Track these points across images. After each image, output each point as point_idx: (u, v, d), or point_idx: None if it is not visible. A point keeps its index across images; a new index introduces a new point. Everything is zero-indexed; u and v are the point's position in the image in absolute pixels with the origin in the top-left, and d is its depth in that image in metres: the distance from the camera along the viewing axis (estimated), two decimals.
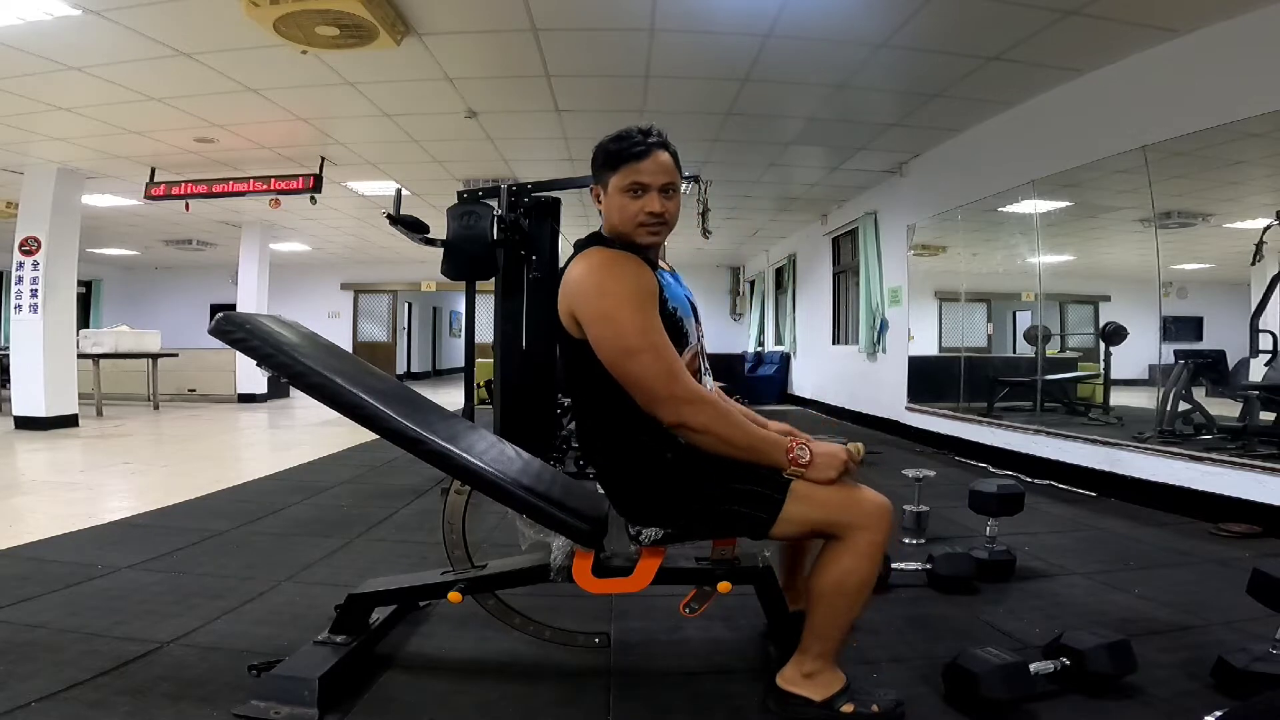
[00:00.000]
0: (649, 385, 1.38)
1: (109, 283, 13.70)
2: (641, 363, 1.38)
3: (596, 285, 1.42)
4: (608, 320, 1.40)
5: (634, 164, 1.46)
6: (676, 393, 1.38)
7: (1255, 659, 1.57)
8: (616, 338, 1.39)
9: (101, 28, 3.63)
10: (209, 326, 1.55)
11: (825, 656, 1.46)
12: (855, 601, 1.42)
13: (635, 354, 1.38)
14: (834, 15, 3.58)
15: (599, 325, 1.41)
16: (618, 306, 1.39)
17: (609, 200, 1.50)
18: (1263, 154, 3.38)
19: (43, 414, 6.39)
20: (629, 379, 1.40)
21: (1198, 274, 4.61)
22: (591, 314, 1.42)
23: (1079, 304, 5.64)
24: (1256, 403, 3.77)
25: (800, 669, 1.47)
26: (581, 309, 1.43)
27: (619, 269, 1.43)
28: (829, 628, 1.44)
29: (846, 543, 1.41)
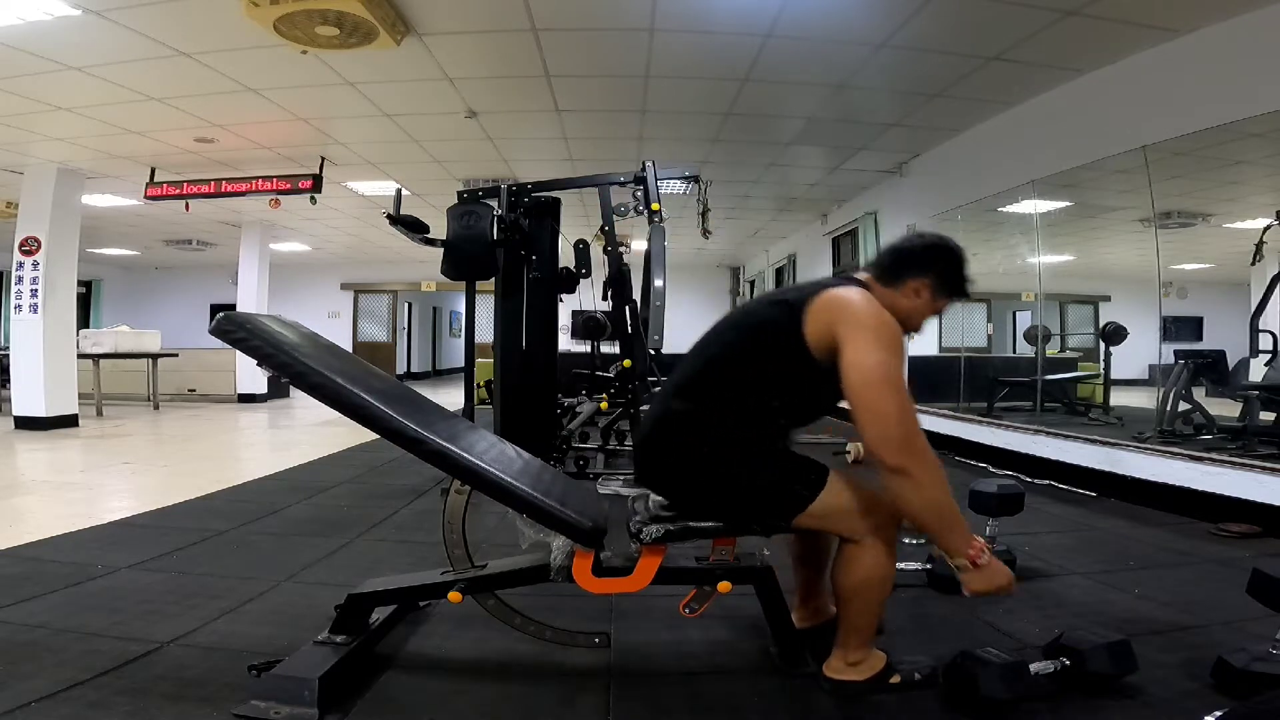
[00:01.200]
0: (895, 420, 1.40)
1: (109, 283, 13.70)
2: (897, 400, 1.41)
3: (881, 322, 1.48)
4: (881, 349, 1.44)
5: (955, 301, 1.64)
6: (914, 439, 1.41)
7: (1255, 659, 1.57)
8: (885, 367, 1.42)
9: (101, 28, 3.63)
10: (209, 326, 1.55)
11: (864, 645, 1.59)
12: (883, 592, 1.56)
13: (897, 390, 1.42)
14: (834, 15, 3.58)
15: (871, 352, 1.43)
16: (893, 348, 1.46)
17: (931, 305, 1.61)
18: (1263, 154, 3.38)
19: (43, 414, 6.39)
20: (877, 407, 1.41)
21: (1198, 274, 4.61)
22: (867, 341, 1.44)
23: (1079, 304, 5.64)
24: (1256, 403, 3.78)
25: (845, 659, 1.59)
26: (853, 331, 1.46)
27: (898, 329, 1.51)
28: (863, 620, 1.56)
29: (863, 545, 1.52)
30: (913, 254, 1.60)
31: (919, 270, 1.58)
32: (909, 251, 1.61)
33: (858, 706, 1.54)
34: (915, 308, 1.59)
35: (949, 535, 1.45)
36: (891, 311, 1.54)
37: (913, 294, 1.58)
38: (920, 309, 1.60)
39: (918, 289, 1.58)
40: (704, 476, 1.57)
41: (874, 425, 1.41)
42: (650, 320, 3.48)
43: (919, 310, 1.60)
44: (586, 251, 3.95)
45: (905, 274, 1.58)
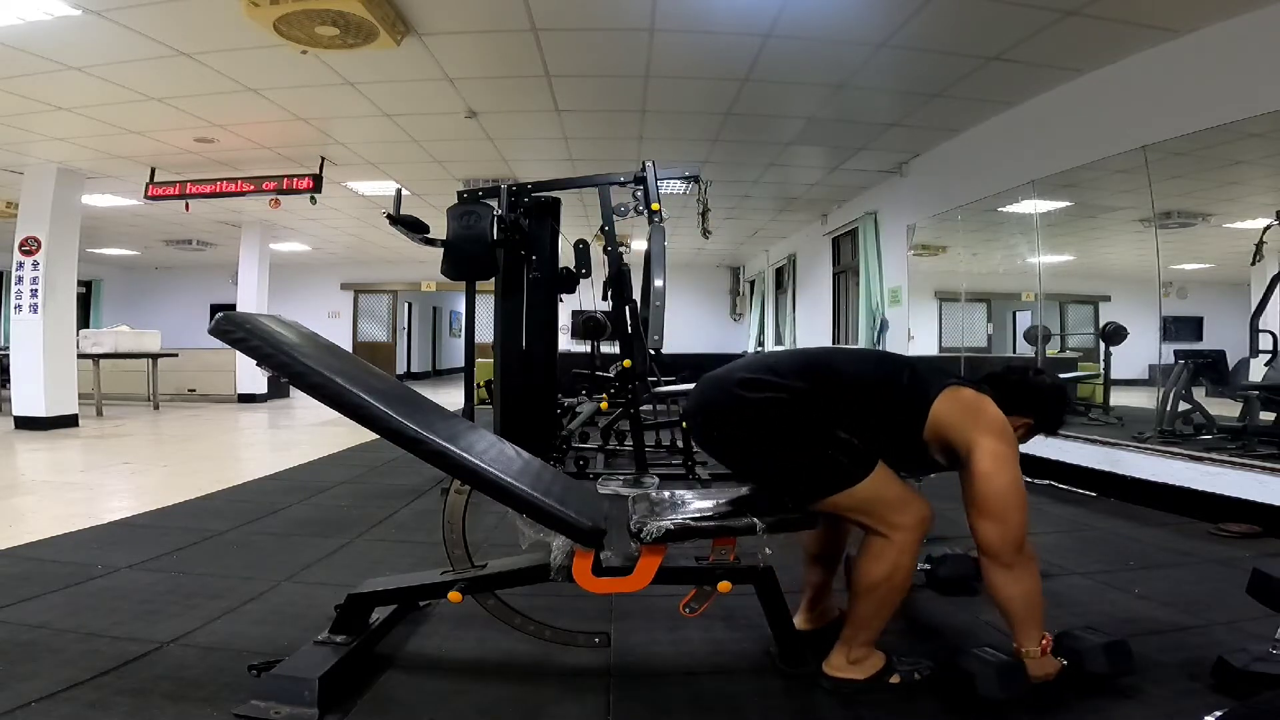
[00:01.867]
0: (1017, 530, 1.53)
1: (109, 283, 13.70)
2: (1023, 515, 1.54)
3: (1012, 438, 1.60)
4: (1014, 466, 1.56)
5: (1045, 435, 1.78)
6: (1025, 543, 1.55)
7: (1255, 659, 1.57)
8: (1018, 485, 1.55)
9: (101, 28, 3.63)
10: (209, 326, 1.55)
11: (868, 644, 1.61)
12: (899, 593, 1.59)
13: (1023, 506, 1.55)
14: (834, 15, 3.58)
15: (1008, 468, 1.55)
16: (1018, 464, 1.58)
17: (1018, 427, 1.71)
18: (1263, 154, 3.38)
19: (43, 414, 6.39)
20: (1007, 517, 1.52)
21: (1198, 274, 4.60)
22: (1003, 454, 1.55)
23: (1079, 304, 5.63)
24: (1256, 403, 3.77)
25: (846, 657, 1.61)
26: (989, 441, 1.56)
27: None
28: (873, 618, 1.59)
29: (892, 540, 1.56)
30: (1035, 392, 1.75)
31: (1033, 409, 1.73)
32: (1033, 389, 1.75)
33: (857, 706, 1.54)
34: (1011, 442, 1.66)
35: (1030, 627, 1.56)
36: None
37: (1019, 426, 1.70)
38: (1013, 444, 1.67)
39: (1022, 425, 1.72)
40: (766, 429, 1.61)
41: (998, 530, 1.52)
42: (650, 320, 3.48)
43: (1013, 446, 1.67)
44: (586, 251, 3.95)
45: (1021, 407, 1.72)
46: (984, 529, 1.53)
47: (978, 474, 1.53)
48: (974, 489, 1.54)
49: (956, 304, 6.05)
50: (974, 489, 1.54)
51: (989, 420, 1.59)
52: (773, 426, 1.61)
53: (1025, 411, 1.72)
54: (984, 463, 1.53)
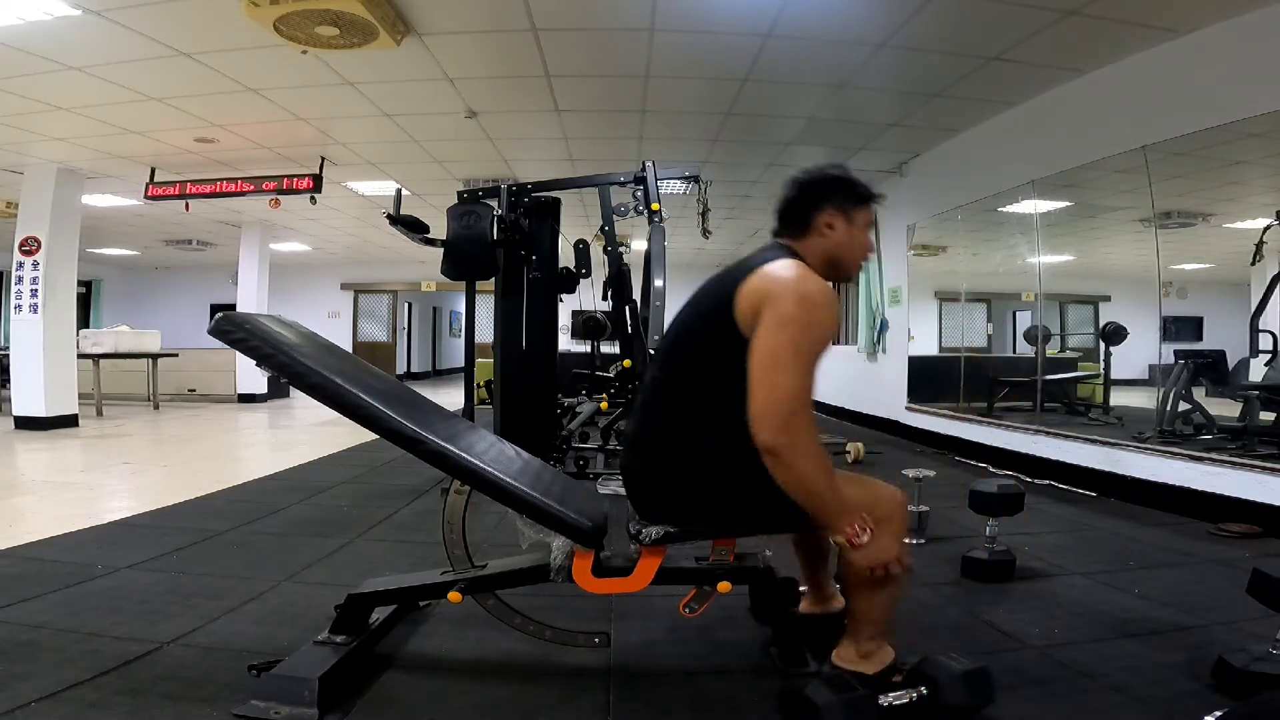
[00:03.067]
0: (776, 397, 1.36)
1: (109, 283, 13.70)
2: (784, 375, 1.37)
3: (806, 295, 1.42)
4: (789, 325, 1.39)
5: (873, 205, 1.62)
6: (794, 414, 1.36)
7: (1255, 659, 1.57)
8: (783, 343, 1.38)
9: (101, 28, 3.63)
10: (209, 326, 1.55)
11: (877, 637, 1.53)
12: (891, 586, 1.49)
13: (784, 367, 1.37)
14: (834, 15, 3.58)
15: (780, 325, 1.39)
16: (805, 321, 1.39)
17: (851, 231, 1.57)
18: (1263, 154, 3.38)
19: (43, 414, 6.39)
20: (763, 384, 1.38)
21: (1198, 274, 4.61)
22: (781, 312, 1.40)
23: (1079, 304, 5.64)
24: (1256, 403, 3.77)
25: (856, 649, 1.53)
26: (777, 305, 1.41)
27: (829, 299, 1.44)
28: (872, 613, 1.52)
29: (874, 537, 1.45)
30: (798, 198, 1.58)
31: (814, 207, 1.56)
32: (793, 199, 1.59)
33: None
34: (837, 243, 1.56)
35: (821, 515, 1.42)
36: (821, 261, 1.54)
37: (826, 230, 1.56)
38: (841, 241, 1.56)
39: (828, 222, 1.55)
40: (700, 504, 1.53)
41: (756, 400, 1.37)
42: (650, 320, 3.48)
43: (841, 243, 1.57)
44: (586, 251, 3.96)
45: (806, 219, 1.56)
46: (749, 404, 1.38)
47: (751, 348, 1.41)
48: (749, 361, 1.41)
49: (956, 304, 6.05)
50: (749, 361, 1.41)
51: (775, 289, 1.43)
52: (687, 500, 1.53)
53: (813, 211, 1.55)
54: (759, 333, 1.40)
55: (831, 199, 1.56)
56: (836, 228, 1.56)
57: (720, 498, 1.53)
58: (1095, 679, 1.67)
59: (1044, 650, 1.83)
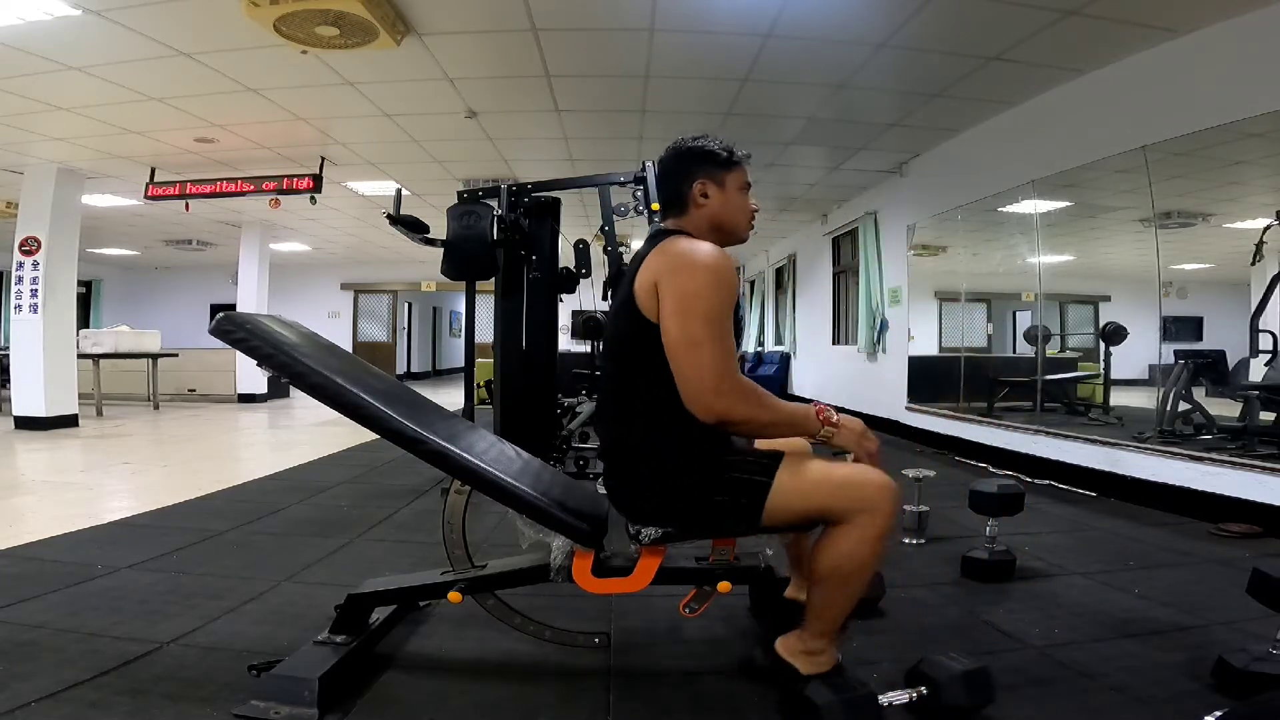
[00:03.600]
0: (701, 376, 1.39)
1: (109, 283, 13.70)
2: (701, 353, 1.38)
3: (694, 268, 1.42)
4: (690, 303, 1.40)
5: (745, 166, 1.62)
6: (723, 386, 1.38)
7: (1255, 659, 1.56)
8: (690, 323, 1.39)
9: (101, 28, 3.63)
10: (209, 326, 1.55)
11: (826, 635, 1.49)
12: (853, 585, 1.43)
13: (699, 344, 1.38)
14: (834, 15, 3.58)
15: (680, 306, 1.40)
16: (703, 293, 1.40)
17: (727, 196, 1.58)
18: (1263, 154, 3.37)
19: (43, 414, 6.39)
20: (685, 368, 1.40)
21: (1198, 274, 4.60)
22: (677, 292, 1.41)
23: (1079, 304, 5.63)
24: (1256, 403, 3.77)
25: (802, 643, 1.50)
26: (669, 284, 1.42)
27: (720, 261, 1.45)
28: (829, 609, 1.46)
29: (846, 526, 1.40)
30: (667, 174, 1.60)
31: (683, 181, 1.57)
32: (663, 175, 1.61)
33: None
34: (716, 209, 1.57)
35: (801, 431, 1.47)
36: (707, 230, 1.56)
37: (701, 200, 1.57)
38: (719, 206, 1.57)
39: (701, 191, 1.57)
40: (663, 507, 1.52)
41: (689, 384, 1.40)
42: None
43: (723, 206, 1.58)
44: (586, 251, 3.95)
45: (680, 194, 1.58)
46: (681, 360, 1.40)
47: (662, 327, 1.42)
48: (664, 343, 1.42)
49: (956, 304, 6.05)
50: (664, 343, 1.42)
51: (664, 268, 1.44)
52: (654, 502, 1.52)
53: (684, 183, 1.57)
54: (663, 321, 1.41)
55: (697, 169, 1.57)
56: (710, 195, 1.57)
57: (666, 496, 1.51)
58: (1095, 679, 1.66)
59: (1044, 650, 1.83)
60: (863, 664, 1.73)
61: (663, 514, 1.53)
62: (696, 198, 1.57)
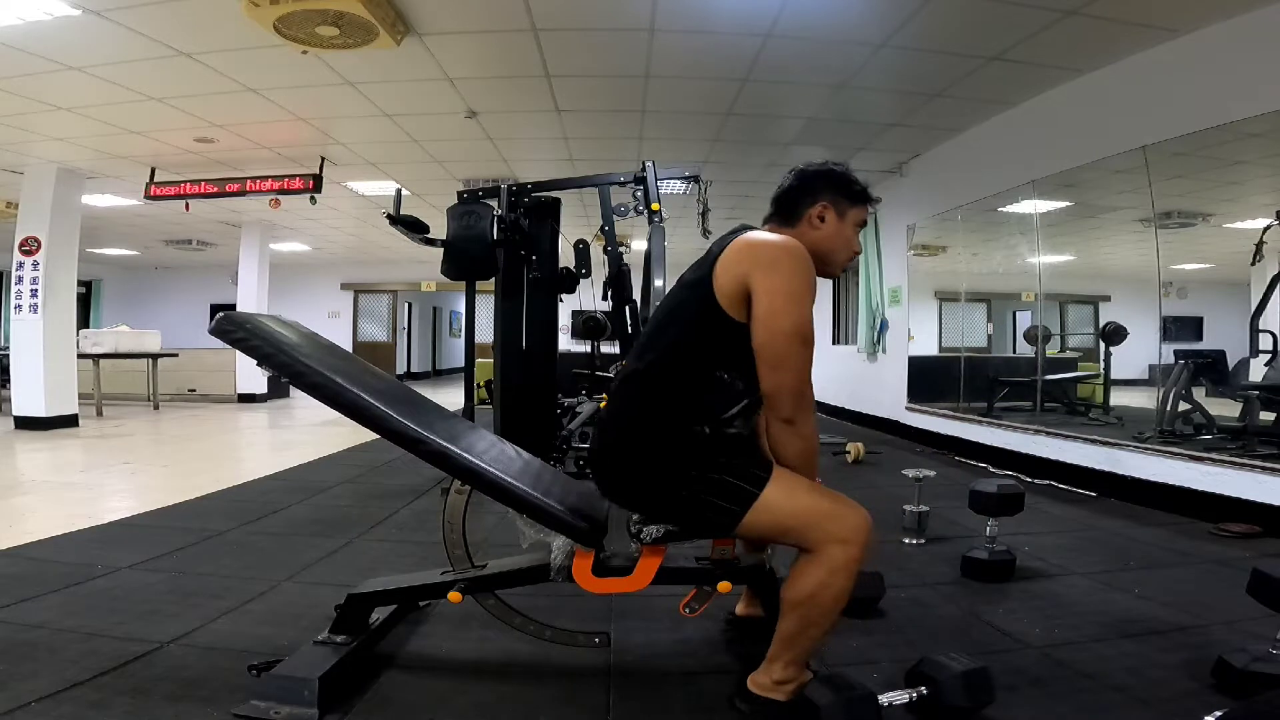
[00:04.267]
0: (801, 372, 1.42)
1: (109, 283, 13.70)
2: (803, 354, 1.42)
3: (794, 260, 1.42)
4: (797, 300, 1.40)
5: (868, 207, 1.61)
6: (807, 392, 1.43)
7: (1255, 659, 1.57)
8: (798, 319, 1.40)
9: (101, 28, 3.63)
10: (209, 326, 1.55)
11: (795, 665, 1.47)
12: (828, 616, 1.41)
13: (807, 343, 1.42)
14: (834, 15, 3.58)
15: (786, 300, 1.39)
16: (805, 296, 1.42)
17: (840, 226, 1.57)
18: (1263, 154, 3.38)
19: (43, 414, 6.39)
20: (781, 359, 1.40)
21: (1198, 274, 4.61)
22: (780, 286, 1.40)
23: (1079, 304, 5.64)
24: (1256, 403, 3.77)
25: (770, 676, 1.48)
26: (767, 278, 1.40)
27: (813, 271, 1.45)
28: (799, 639, 1.44)
29: (821, 556, 1.39)
30: (796, 187, 1.58)
31: (809, 197, 1.56)
32: (791, 187, 1.59)
33: None
34: (825, 236, 1.55)
35: (805, 472, 1.49)
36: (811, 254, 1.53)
37: (816, 222, 1.55)
38: (830, 235, 1.56)
39: (820, 214, 1.55)
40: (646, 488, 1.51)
41: (775, 375, 1.40)
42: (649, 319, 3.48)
43: (829, 237, 1.56)
44: (586, 251, 3.96)
45: (799, 208, 1.56)
46: (764, 377, 1.41)
47: (756, 318, 1.41)
48: (754, 336, 1.41)
49: (956, 304, 6.05)
50: (754, 336, 1.41)
51: (764, 251, 1.43)
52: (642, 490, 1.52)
53: (807, 202, 1.56)
54: (760, 304, 1.40)
55: (826, 192, 1.56)
56: (827, 220, 1.55)
57: (654, 479, 1.49)
58: (1095, 679, 1.67)
59: (1044, 650, 1.84)
60: (863, 664, 1.74)
61: (642, 496, 1.52)
62: (813, 217, 1.56)
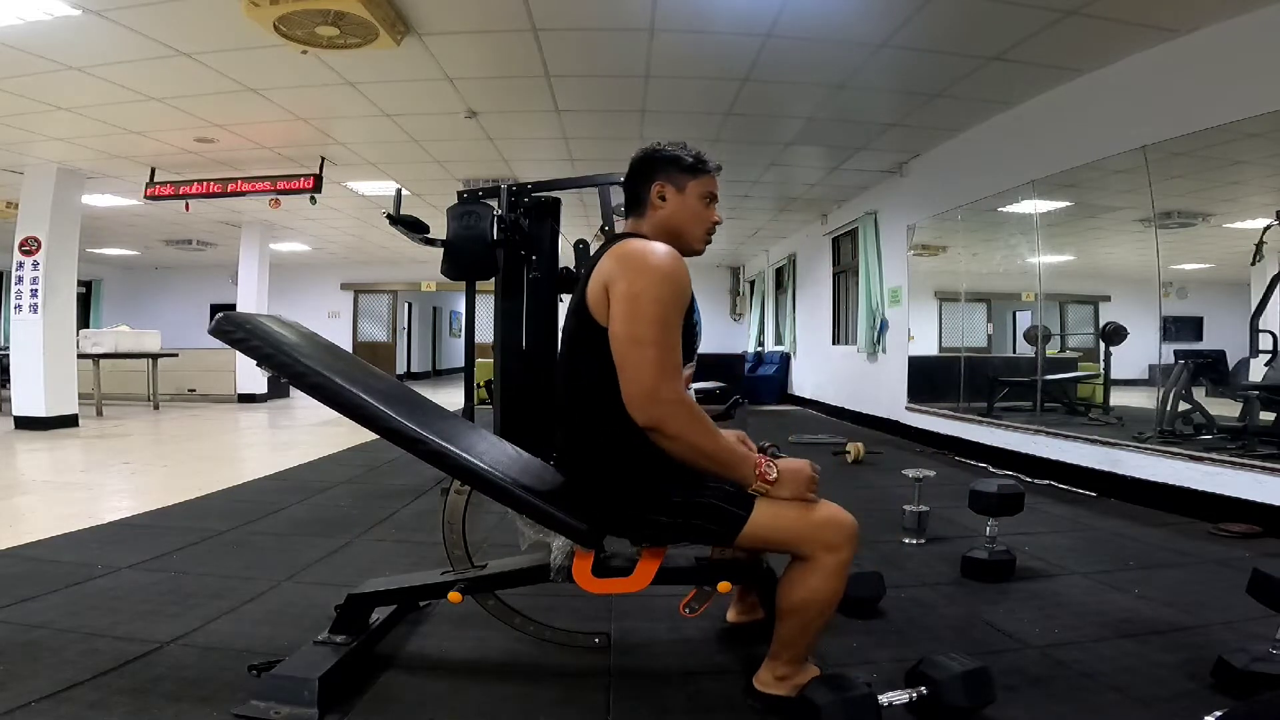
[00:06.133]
0: (641, 376, 1.37)
1: (109, 283, 13.70)
2: (644, 352, 1.37)
3: (645, 268, 1.42)
4: (636, 302, 1.39)
5: (712, 176, 1.61)
6: (663, 393, 1.37)
7: (1255, 659, 1.57)
8: (634, 321, 1.38)
9: (101, 28, 3.63)
10: (209, 326, 1.55)
11: (795, 662, 1.52)
12: (823, 616, 1.47)
13: (643, 343, 1.37)
14: (834, 15, 3.58)
15: (626, 304, 1.39)
16: (650, 293, 1.39)
17: (685, 201, 1.57)
18: (1263, 154, 3.38)
19: (43, 414, 6.39)
20: (627, 367, 1.39)
21: (1198, 274, 4.60)
22: (624, 292, 1.40)
23: (1079, 304, 5.63)
24: (1256, 403, 3.77)
25: (773, 673, 1.53)
26: (617, 285, 1.41)
27: (672, 263, 1.43)
28: (798, 639, 1.49)
29: (813, 563, 1.43)
30: (631, 175, 1.60)
31: (645, 181, 1.57)
32: (628, 178, 1.61)
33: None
34: (670, 213, 1.56)
35: (732, 474, 1.43)
36: (661, 233, 1.54)
37: (658, 202, 1.56)
38: (674, 211, 1.56)
39: (659, 193, 1.56)
40: (632, 515, 1.50)
41: (628, 385, 1.38)
42: None
43: (674, 213, 1.56)
44: (586, 251, 3.95)
45: (640, 194, 1.58)
46: (621, 359, 1.39)
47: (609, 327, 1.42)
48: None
49: (956, 304, 6.05)
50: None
51: (616, 270, 1.42)
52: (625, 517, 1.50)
53: (644, 185, 1.57)
54: (614, 309, 1.41)
55: (659, 171, 1.57)
56: (668, 197, 1.56)
57: (635, 510, 1.50)
58: (1095, 679, 1.67)
59: (1044, 650, 1.84)
60: (863, 664, 1.74)
61: (625, 524, 1.52)
62: (654, 199, 1.57)
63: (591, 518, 1.50)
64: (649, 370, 1.37)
